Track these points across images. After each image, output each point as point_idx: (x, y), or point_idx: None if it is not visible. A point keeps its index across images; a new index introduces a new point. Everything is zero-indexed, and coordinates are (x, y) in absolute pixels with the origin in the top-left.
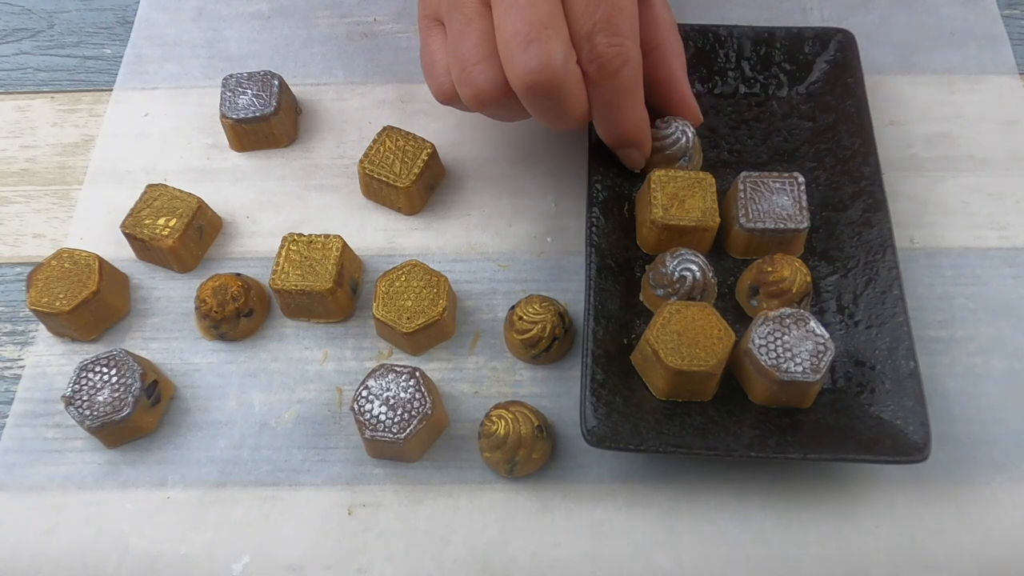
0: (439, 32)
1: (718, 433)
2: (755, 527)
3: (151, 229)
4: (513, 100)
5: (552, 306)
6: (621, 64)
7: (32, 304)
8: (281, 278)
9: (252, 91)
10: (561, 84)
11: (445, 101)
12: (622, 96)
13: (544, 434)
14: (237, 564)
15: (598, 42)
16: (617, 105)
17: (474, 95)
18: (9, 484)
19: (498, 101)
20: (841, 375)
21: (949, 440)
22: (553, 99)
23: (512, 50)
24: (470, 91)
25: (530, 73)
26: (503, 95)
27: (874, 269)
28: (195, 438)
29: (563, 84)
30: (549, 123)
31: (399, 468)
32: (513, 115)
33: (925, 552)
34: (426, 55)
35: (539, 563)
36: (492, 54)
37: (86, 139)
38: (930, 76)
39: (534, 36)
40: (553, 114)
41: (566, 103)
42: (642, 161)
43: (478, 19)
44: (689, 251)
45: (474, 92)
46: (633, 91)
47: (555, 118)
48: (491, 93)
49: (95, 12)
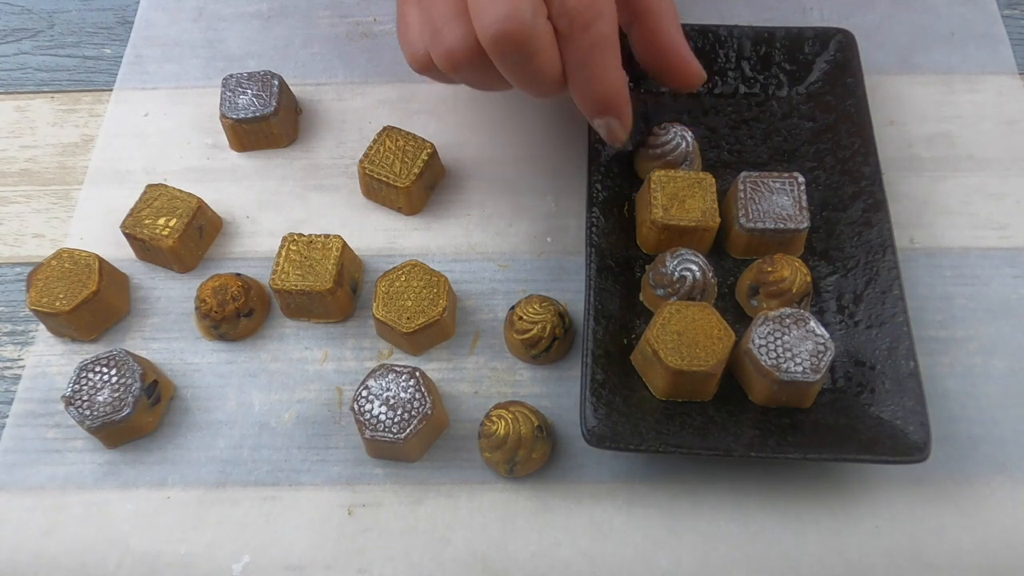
0: (415, 2)
1: (718, 433)
2: (755, 527)
3: (151, 229)
4: (485, 61)
5: (552, 306)
6: (593, 17)
7: (32, 304)
8: (281, 278)
9: (252, 91)
10: (529, 37)
11: (420, 69)
12: (596, 53)
13: (544, 434)
14: (237, 564)
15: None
16: (591, 64)
17: (446, 54)
18: (9, 484)
19: (470, 61)
20: (841, 375)
21: (949, 440)
22: (522, 54)
23: (481, 3)
24: (441, 51)
25: (496, 22)
26: (474, 55)
27: (874, 269)
28: (195, 438)
29: (532, 37)
30: (523, 86)
31: (399, 468)
32: (489, 81)
33: (925, 552)
34: (401, 25)
35: (539, 563)
36: (462, 12)
37: (86, 139)
38: (930, 76)
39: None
40: (524, 73)
41: (536, 59)
42: (623, 135)
43: None
44: (689, 251)
45: (445, 51)
46: (607, 48)
47: (527, 79)
48: (462, 52)
49: (95, 12)
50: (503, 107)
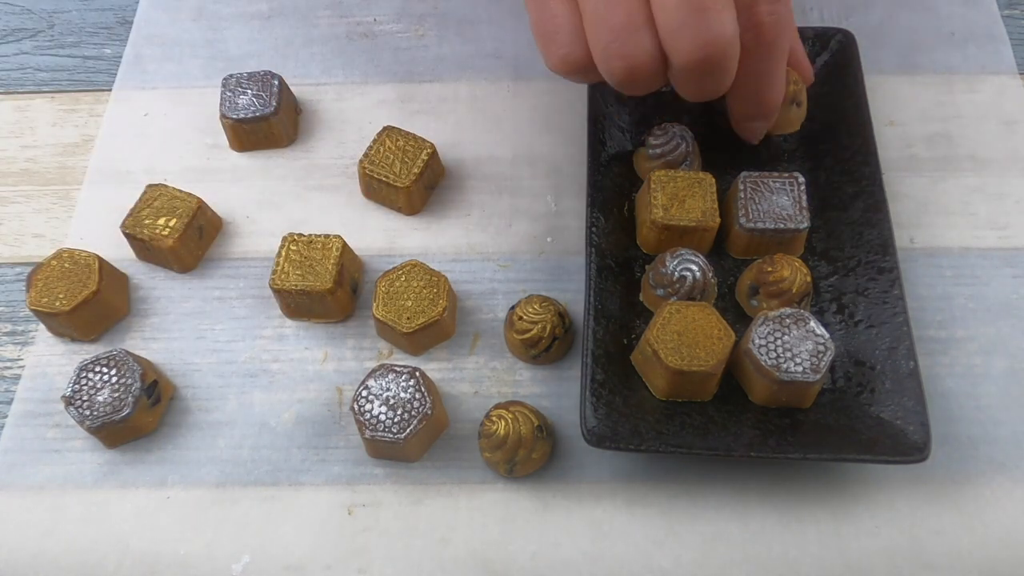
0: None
1: (718, 433)
2: (755, 527)
3: (151, 229)
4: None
5: (552, 306)
6: (780, 31)
7: (32, 304)
8: (281, 278)
9: (252, 91)
10: (732, 57)
11: (568, 72)
12: (775, 64)
13: (544, 434)
14: (237, 564)
15: (759, 9)
16: (767, 74)
17: (627, 68)
18: (9, 484)
19: (652, 75)
20: (841, 375)
21: (949, 440)
22: (720, 72)
23: (680, 19)
24: (623, 64)
25: (703, 46)
26: (659, 68)
27: (874, 269)
28: (195, 438)
29: (732, 57)
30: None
31: (399, 468)
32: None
33: (925, 552)
34: (546, 19)
35: (539, 563)
36: (648, 21)
37: (86, 139)
38: (930, 76)
39: (707, 4)
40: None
41: (728, 75)
42: (763, 133)
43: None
44: (689, 251)
45: (628, 65)
46: (784, 60)
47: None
48: (649, 65)
49: (95, 12)
50: (503, 107)
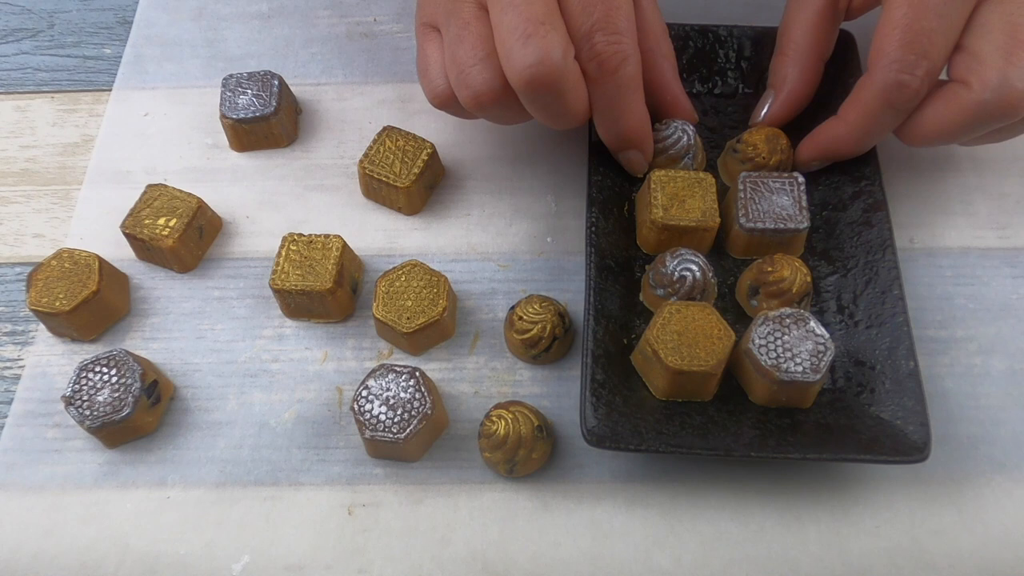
0: (435, 38)
1: (718, 433)
2: (755, 527)
3: (151, 229)
4: (512, 100)
5: (552, 306)
6: (620, 62)
7: (32, 304)
8: (281, 278)
9: (252, 91)
10: (560, 79)
11: (440, 105)
12: (623, 94)
13: (544, 434)
14: (237, 564)
15: (597, 40)
16: (618, 104)
17: (473, 96)
18: (9, 484)
19: (497, 101)
20: (841, 375)
21: (949, 440)
22: (553, 94)
23: (510, 46)
24: (468, 92)
25: (528, 67)
26: (502, 95)
27: (874, 269)
28: (195, 438)
29: (562, 79)
30: (549, 122)
31: (399, 468)
32: (512, 116)
33: (925, 552)
34: (422, 60)
35: (539, 563)
36: (490, 55)
37: (86, 139)
38: None
39: (532, 31)
40: (553, 111)
41: (566, 99)
42: (644, 165)
43: (475, 23)
44: (689, 251)
45: (473, 93)
46: (634, 89)
47: (555, 116)
48: (489, 94)
49: (95, 12)
50: None
